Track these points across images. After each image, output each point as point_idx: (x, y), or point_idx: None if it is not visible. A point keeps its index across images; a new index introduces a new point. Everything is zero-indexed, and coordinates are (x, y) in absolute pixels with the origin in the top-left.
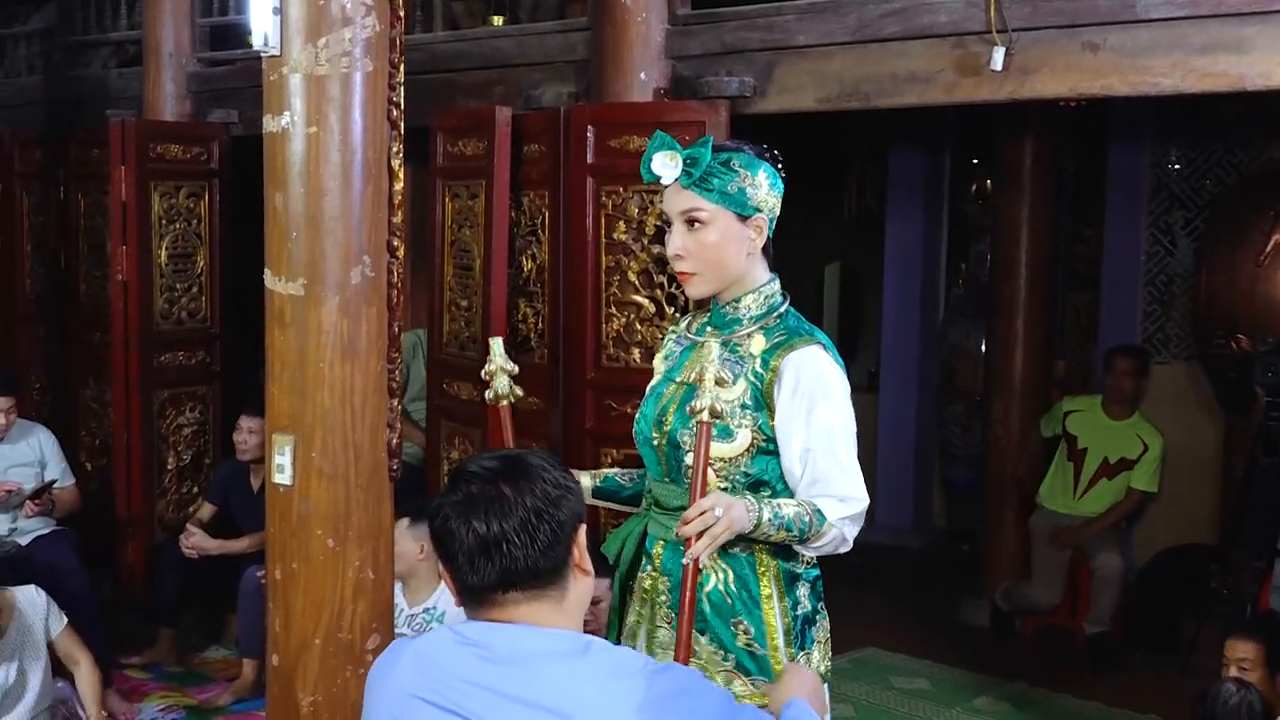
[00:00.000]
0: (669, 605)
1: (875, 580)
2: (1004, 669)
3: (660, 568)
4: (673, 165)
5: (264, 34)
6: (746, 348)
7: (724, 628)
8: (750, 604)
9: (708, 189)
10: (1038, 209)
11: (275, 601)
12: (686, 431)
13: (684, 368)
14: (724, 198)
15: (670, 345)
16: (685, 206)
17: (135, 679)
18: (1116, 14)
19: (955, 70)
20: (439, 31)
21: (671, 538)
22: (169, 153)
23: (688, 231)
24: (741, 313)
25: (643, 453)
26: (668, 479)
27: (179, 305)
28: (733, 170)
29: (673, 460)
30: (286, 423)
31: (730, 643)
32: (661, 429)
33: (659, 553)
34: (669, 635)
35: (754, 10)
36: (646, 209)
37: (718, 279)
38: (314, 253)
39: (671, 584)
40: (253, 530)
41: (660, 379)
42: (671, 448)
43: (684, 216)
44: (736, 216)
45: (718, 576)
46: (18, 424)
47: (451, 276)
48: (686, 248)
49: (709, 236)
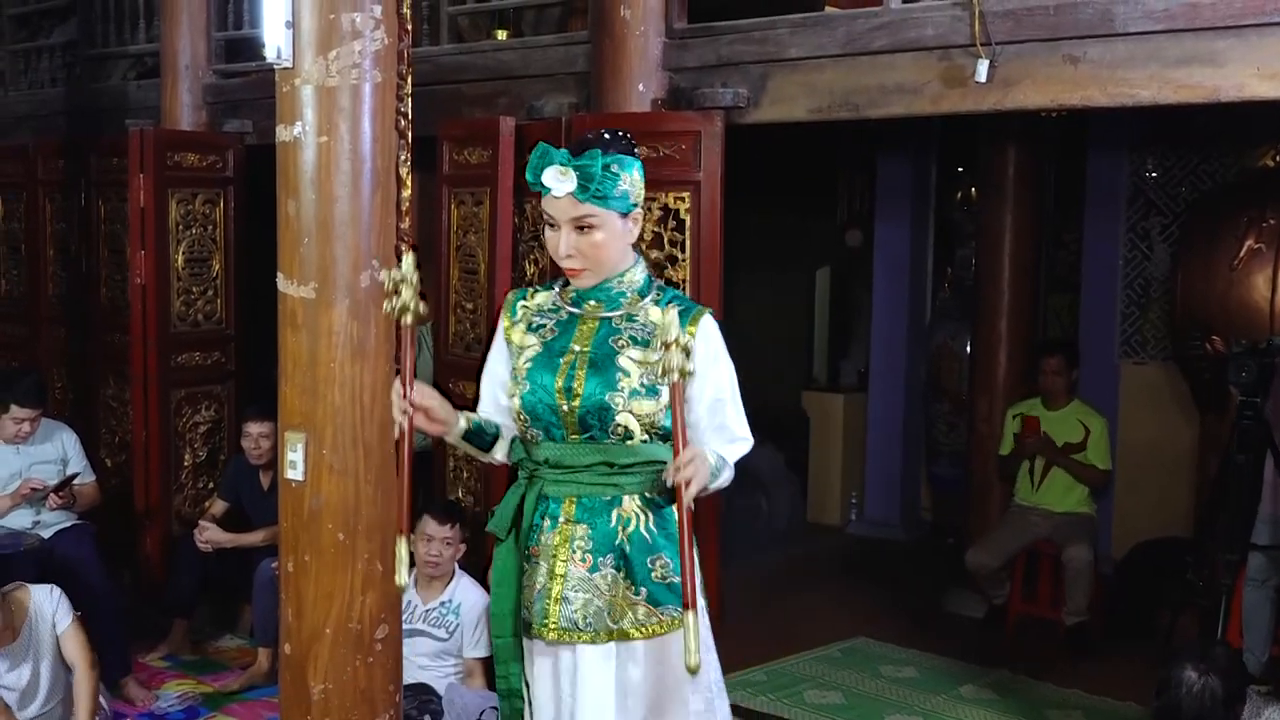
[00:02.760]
0: (589, 548)
1: (864, 572)
2: (988, 658)
3: (575, 518)
4: (566, 180)
5: (277, 47)
6: (647, 316)
7: (641, 564)
8: (668, 540)
9: (599, 198)
10: (1020, 215)
11: (288, 592)
12: (617, 394)
13: (575, 338)
14: (611, 202)
15: (535, 319)
16: (577, 214)
17: (153, 667)
18: (1096, 28)
19: (941, 82)
20: (445, 44)
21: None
22: (186, 161)
23: (578, 234)
24: (625, 287)
25: (538, 420)
26: (576, 440)
27: (195, 308)
28: (615, 175)
29: (592, 422)
30: (299, 421)
31: (645, 578)
32: (571, 395)
33: (569, 509)
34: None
35: (748, 24)
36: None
37: (606, 271)
38: (325, 257)
39: (592, 531)
40: (263, 525)
41: (543, 350)
42: (592, 411)
43: (575, 223)
44: (620, 215)
45: (639, 519)
46: (43, 423)
47: (457, 280)
48: (577, 248)
49: (597, 237)
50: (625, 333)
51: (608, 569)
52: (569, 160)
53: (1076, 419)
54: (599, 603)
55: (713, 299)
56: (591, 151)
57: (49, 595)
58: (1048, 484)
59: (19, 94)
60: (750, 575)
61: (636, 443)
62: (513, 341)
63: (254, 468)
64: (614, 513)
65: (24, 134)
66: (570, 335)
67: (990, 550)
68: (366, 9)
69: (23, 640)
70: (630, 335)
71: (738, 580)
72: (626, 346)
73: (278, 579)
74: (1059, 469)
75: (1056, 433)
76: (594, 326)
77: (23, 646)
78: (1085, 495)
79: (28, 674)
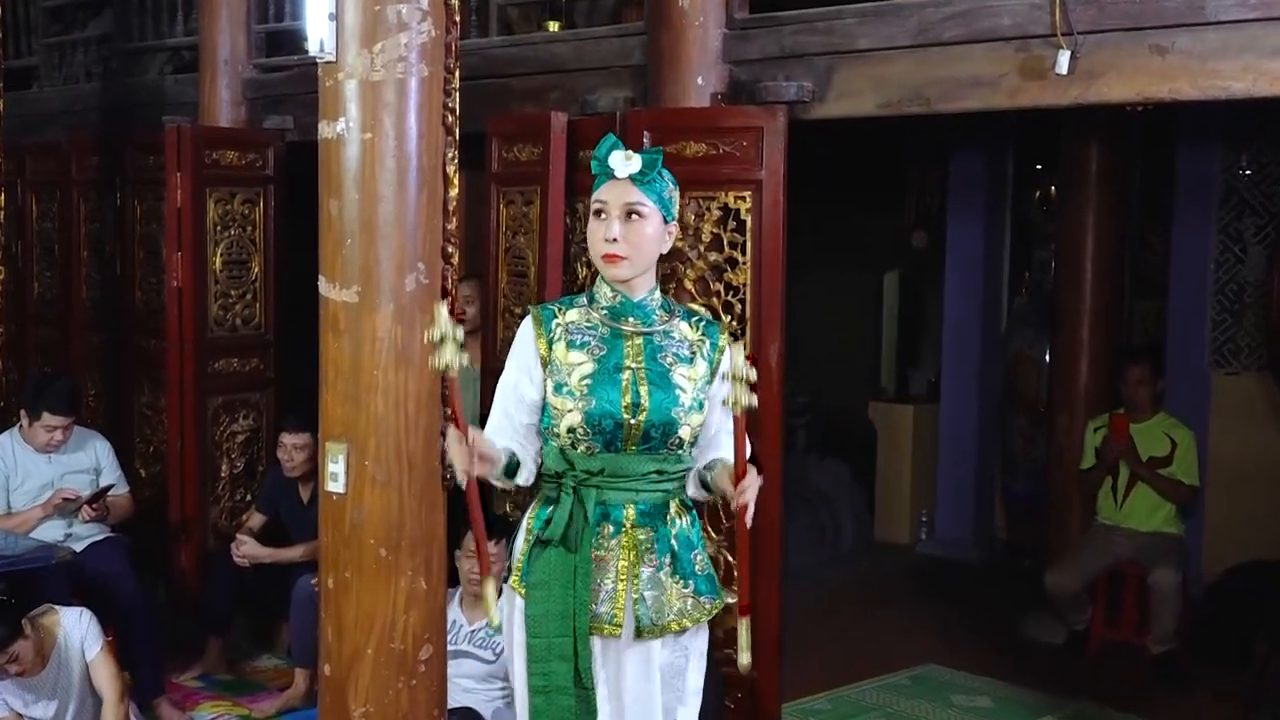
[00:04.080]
0: (654, 551)
1: (935, 594)
2: (1068, 688)
3: (637, 523)
4: (628, 163)
5: (320, 40)
6: (682, 333)
7: (688, 559)
8: (699, 539)
9: (651, 189)
10: (1103, 215)
11: (327, 610)
12: (679, 409)
13: (626, 355)
14: (660, 200)
15: (574, 335)
16: (631, 200)
17: (187, 687)
18: (1185, 16)
19: (1019, 74)
20: (494, 37)
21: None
22: (224, 159)
23: (626, 221)
24: (654, 305)
25: (600, 433)
26: (634, 451)
27: (233, 312)
28: (665, 180)
29: (654, 434)
30: (340, 430)
31: (691, 571)
32: (638, 410)
33: (630, 515)
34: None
35: (813, 14)
36: (703, 215)
37: (641, 266)
38: (368, 259)
39: (655, 534)
40: (302, 539)
41: (598, 366)
42: (657, 425)
43: (626, 208)
44: (662, 218)
45: (683, 521)
46: (75, 432)
47: (505, 284)
48: (624, 235)
49: (646, 229)
50: (669, 350)
51: (666, 567)
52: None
53: (1162, 432)
54: (661, 598)
55: (775, 303)
56: (658, 148)
57: (78, 620)
58: (1132, 501)
59: (53, 89)
60: (813, 596)
61: (684, 452)
62: (555, 357)
63: (293, 480)
64: (667, 516)
65: (57, 131)
66: (620, 352)
67: (1070, 572)
68: (413, 0)
69: (51, 669)
70: (675, 353)
71: (800, 601)
72: (675, 364)
73: (317, 596)
74: (1144, 485)
75: (1141, 446)
76: (639, 344)
77: (51, 675)
78: (1172, 514)
79: (55, 706)
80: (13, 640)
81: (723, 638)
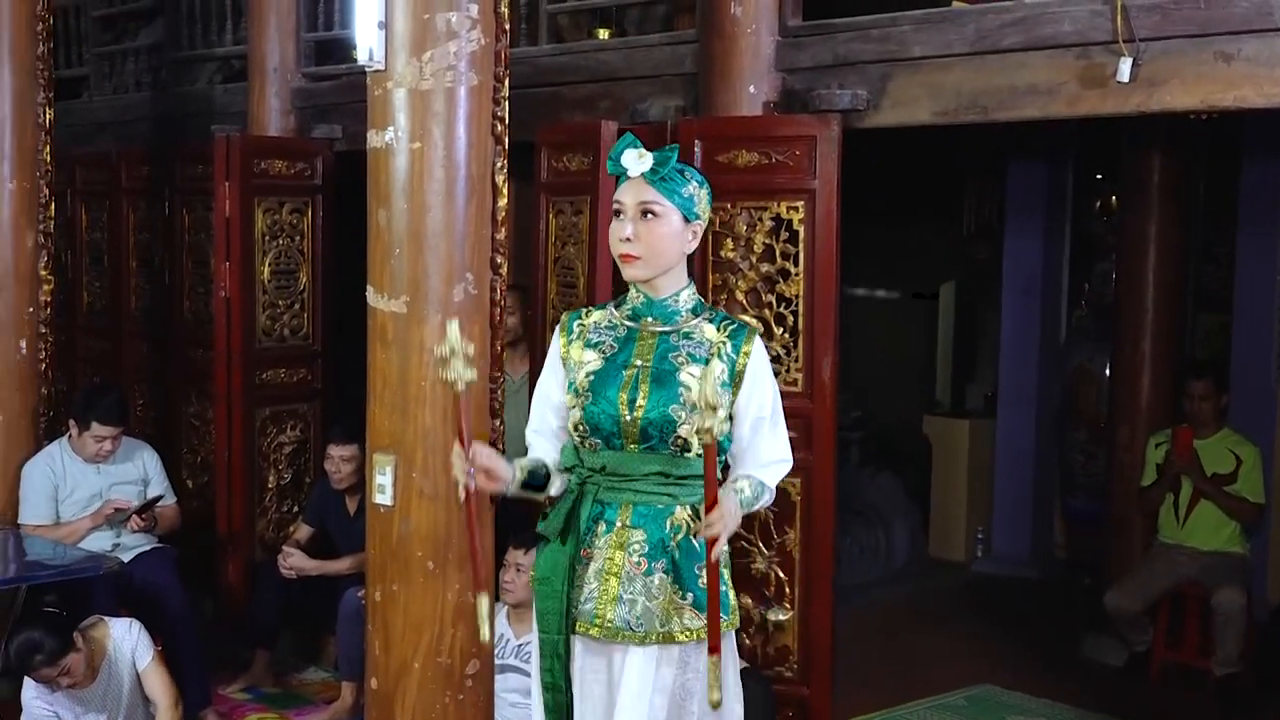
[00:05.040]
0: (644, 553)
1: (991, 613)
2: (1129, 710)
3: (630, 523)
4: (641, 161)
5: (369, 48)
6: (703, 334)
7: (689, 570)
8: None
9: (667, 187)
10: (1166, 226)
11: (374, 624)
12: (680, 408)
13: (636, 353)
14: (678, 198)
15: (592, 336)
16: (645, 198)
17: (234, 699)
18: (1252, 22)
19: (1079, 82)
20: (544, 45)
21: (636, 500)
22: (273, 168)
23: (641, 220)
24: (680, 306)
25: (599, 431)
26: (635, 450)
27: (281, 322)
28: (686, 178)
29: (653, 433)
30: (388, 442)
31: (692, 583)
32: (634, 407)
33: (625, 515)
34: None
35: (868, 21)
36: (755, 226)
37: (657, 266)
38: (416, 269)
39: (647, 536)
40: (349, 552)
41: (605, 365)
42: (655, 423)
43: (641, 207)
44: (682, 217)
45: (688, 527)
46: (124, 442)
47: (555, 294)
48: (638, 234)
49: (661, 228)
50: (683, 349)
51: (659, 573)
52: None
53: (1226, 448)
54: (650, 605)
55: (828, 315)
56: (673, 154)
57: (128, 631)
58: (1195, 519)
59: (103, 99)
60: (867, 613)
61: (692, 455)
62: (570, 359)
63: (340, 491)
64: (667, 520)
65: (107, 140)
66: (630, 350)
67: (1131, 592)
68: (462, 8)
69: (101, 680)
70: (689, 352)
71: (853, 619)
72: (686, 363)
73: (364, 609)
74: (1206, 503)
75: (1205, 463)
76: (653, 343)
77: (100, 687)
78: (1236, 532)
79: (104, 718)
80: (65, 653)
81: (773, 654)
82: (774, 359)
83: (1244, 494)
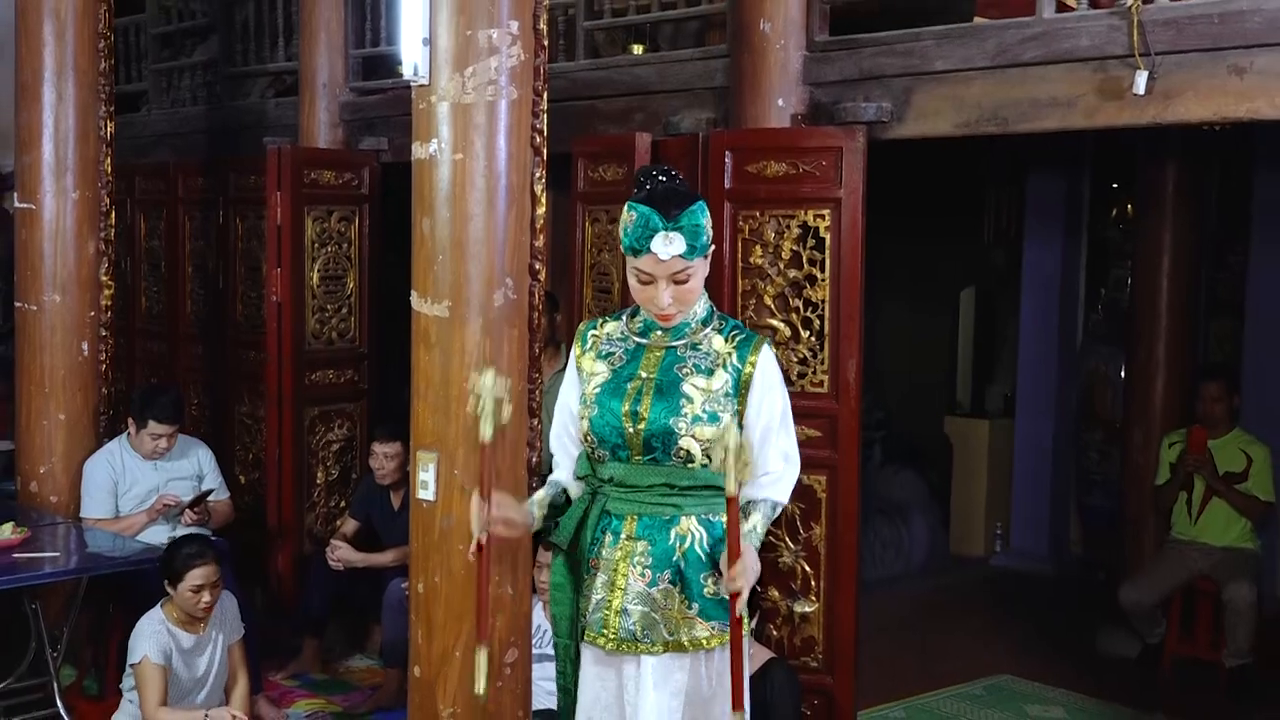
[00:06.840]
0: (648, 564)
1: (1010, 607)
2: (1142, 701)
3: (636, 535)
4: (674, 245)
5: (414, 64)
6: (710, 345)
7: (695, 580)
8: (717, 560)
9: (695, 251)
10: (1180, 234)
11: (417, 614)
12: (681, 419)
13: (643, 365)
14: (700, 250)
15: (604, 347)
16: (677, 270)
17: (283, 685)
18: (1264, 36)
19: (1096, 94)
20: (581, 60)
21: (641, 511)
22: (322, 179)
23: (675, 286)
24: (690, 318)
25: (605, 442)
26: (640, 461)
27: (329, 325)
28: (703, 225)
29: (656, 444)
30: (431, 440)
31: (699, 593)
32: (637, 419)
33: (631, 526)
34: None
35: (892, 36)
36: (783, 233)
37: (690, 310)
38: (458, 275)
39: (652, 547)
40: (393, 545)
41: (612, 377)
42: (657, 435)
43: (674, 279)
44: (703, 258)
45: (694, 538)
46: (179, 440)
47: (590, 299)
48: (675, 296)
49: (693, 283)
50: (690, 361)
51: (665, 584)
52: (669, 225)
53: (1238, 448)
54: (655, 615)
55: (853, 320)
56: (689, 210)
57: (233, 602)
58: (1207, 517)
59: (161, 112)
60: (889, 607)
61: (697, 466)
62: (583, 369)
63: (385, 487)
64: (673, 531)
65: (164, 152)
66: (638, 363)
67: (1145, 587)
68: (503, 25)
69: (208, 633)
70: (694, 364)
71: (876, 612)
72: (691, 374)
73: (407, 600)
74: (1218, 501)
75: (1217, 462)
76: (660, 355)
77: (207, 639)
78: (1248, 529)
79: (199, 673)
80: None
81: (799, 645)
82: (800, 361)
83: (1254, 492)
